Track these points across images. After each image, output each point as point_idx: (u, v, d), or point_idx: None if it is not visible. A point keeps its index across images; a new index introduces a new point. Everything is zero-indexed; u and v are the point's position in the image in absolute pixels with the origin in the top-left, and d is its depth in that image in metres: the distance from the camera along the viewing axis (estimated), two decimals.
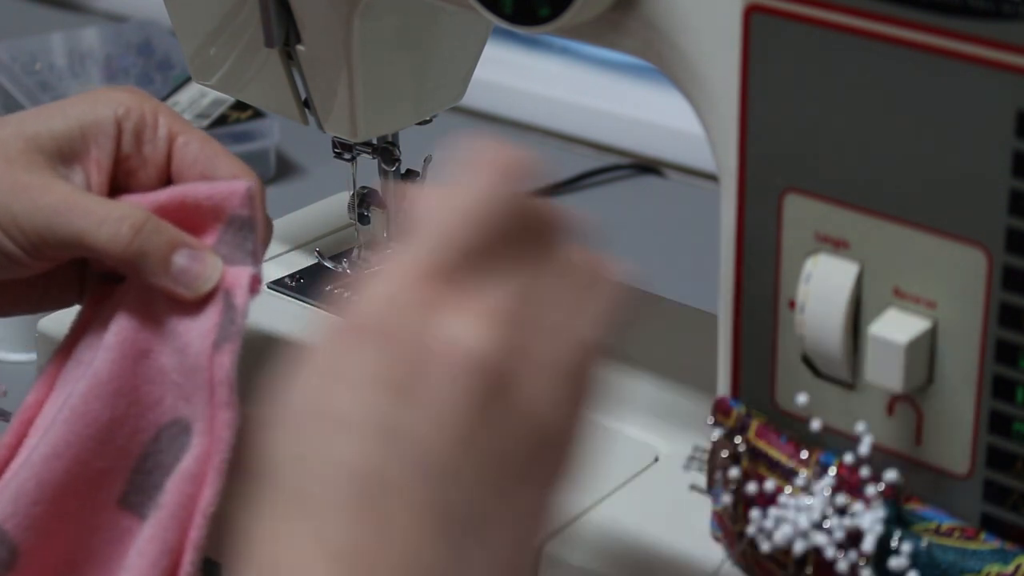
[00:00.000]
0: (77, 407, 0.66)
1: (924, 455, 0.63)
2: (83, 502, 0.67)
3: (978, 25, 0.56)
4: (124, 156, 0.68)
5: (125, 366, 0.66)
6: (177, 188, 0.68)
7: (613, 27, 0.67)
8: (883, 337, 0.61)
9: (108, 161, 0.67)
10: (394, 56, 0.82)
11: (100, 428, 0.66)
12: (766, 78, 0.62)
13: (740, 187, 0.64)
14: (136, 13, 1.48)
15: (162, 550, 0.65)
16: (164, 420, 0.66)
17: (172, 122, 0.68)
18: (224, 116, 1.21)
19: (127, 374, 0.66)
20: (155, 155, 0.68)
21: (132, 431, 0.66)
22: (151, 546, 0.65)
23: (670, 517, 0.71)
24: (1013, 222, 0.58)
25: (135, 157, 0.68)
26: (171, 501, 0.65)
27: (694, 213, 1.14)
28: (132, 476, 0.67)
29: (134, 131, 0.68)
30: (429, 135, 0.91)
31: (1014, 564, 0.60)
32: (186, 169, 0.68)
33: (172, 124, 0.68)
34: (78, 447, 0.66)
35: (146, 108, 0.68)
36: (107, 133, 0.67)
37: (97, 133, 0.67)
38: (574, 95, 1.36)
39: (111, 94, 0.69)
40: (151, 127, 0.68)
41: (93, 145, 0.67)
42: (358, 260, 0.90)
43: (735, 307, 0.66)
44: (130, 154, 0.68)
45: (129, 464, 0.67)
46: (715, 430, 0.66)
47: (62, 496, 0.66)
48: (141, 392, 0.66)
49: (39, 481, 0.65)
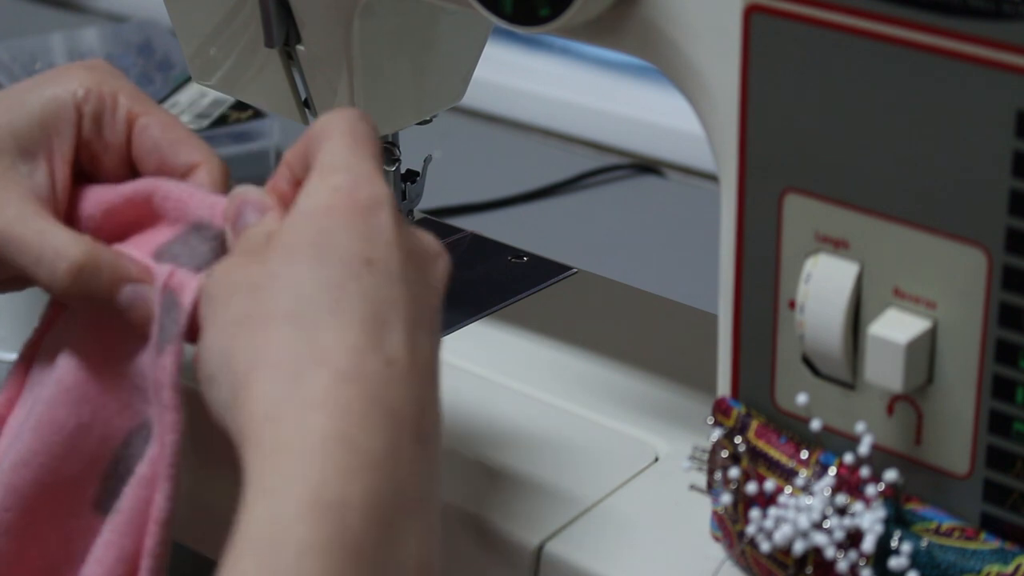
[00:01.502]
0: (43, 415, 0.65)
1: (924, 455, 0.63)
2: (56, 508, 0.66)
3: (978, 25, 0.56)
4: (86, 141, 0.66)
5: (88, 372, 0.65)
6: (147, 183, 0.66)
7: (613, 27, 0.67)
8: (883, 337, 0.61)
9: (70, 150, 0.66)
10: (394, 56, 0.82)
11: (67, 435, 0.65)
12: (766, 78, 0.62)
13: (740, 187, 0.64)
14: (136, 13, 1.48)
15: (118, 556, 0.64)
16: (133, 424, 0.66)
17: (132, 103, 0.66)
18: (224, 116, 1.21)
19: (90, 380, 0.65)
20: (116, 139, 0.66)
21: (101, 436, 0.66)
22: (108, 552, 0.64)
23: (670, 517, 0.71)
24: (1013, 222, 0.58)
25: (96, 142, 0.66)
26: (127, 506, 0.64)
27: (694, 213, 1.14)
28: (104, 482, 0.66)
29: (93, 115, 0.66)
30: (429, 135, 0.91)
31: (1014, 564, 0.60)
32: (145, 155, 0.66)
33: (132, 105, 0.66)
34: (45, 454, 0.65)
35: (105, 89, 0.66)
36: (67, 120, 0.66)
37: (57, 122, 0.66)
38: (574, 95, 1.36)
39: (71, 73, 0.67)
40: (110, 110, 0.66)
41: (54, 136, 0.66)
42: None
43: (735, 307, 0.66)
44: (91, 139, 0.66)
45: (101, 469, 0.66)
46: (715, 430, 0.67)
47: (33, 502, 0.65)
48: (107, 397, 0.65)
49: (9, 488, 0.65)
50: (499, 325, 0.86)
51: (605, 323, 0.86)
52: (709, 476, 0.67)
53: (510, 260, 0.92)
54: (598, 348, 0.83)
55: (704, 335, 0.74)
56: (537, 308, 0.88)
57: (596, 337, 0.84)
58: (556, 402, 0.80)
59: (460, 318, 0.87)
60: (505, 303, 0.88)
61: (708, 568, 0.68)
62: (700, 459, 0.68)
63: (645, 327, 0.86)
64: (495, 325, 0.86)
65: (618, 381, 0.81)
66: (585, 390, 0.80)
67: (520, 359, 0.83)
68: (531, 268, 0.91)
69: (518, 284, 0.90)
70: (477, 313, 0.87)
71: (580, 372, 0.82)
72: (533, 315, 0.87)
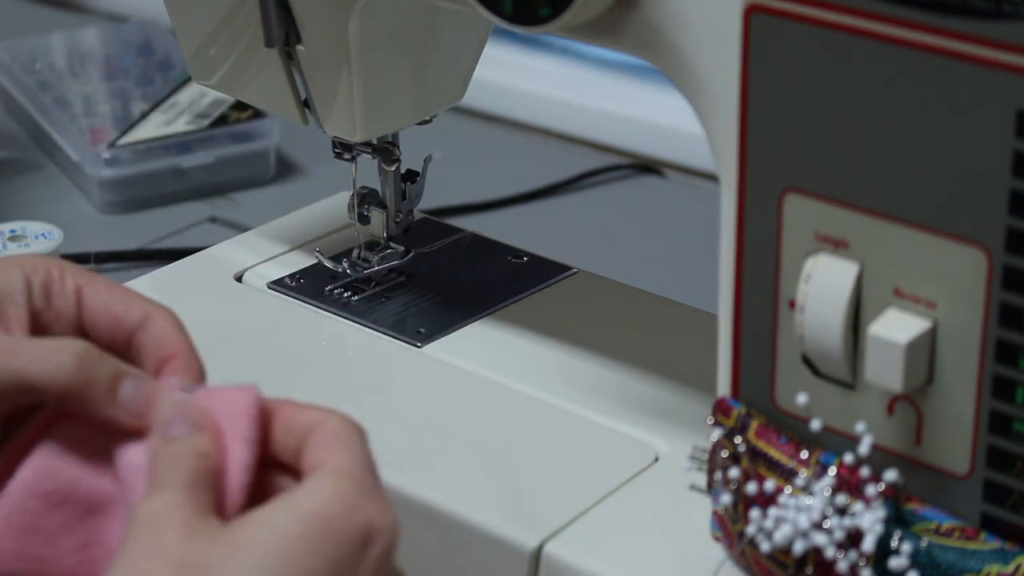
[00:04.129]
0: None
1: (924, 455, 0.63)
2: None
3: (978, 25, 0.56)
4: (37, 312, 0.67)
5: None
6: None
7: (613, 27, 0.67)
8: (883, 337, 0.61)
9: (26, 318, 0.67)
10: (394, 56, 0.82)
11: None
12: (766, 78, 0.62)
13: (740, 187, 0.64)
14: (136, 13, 1.48)
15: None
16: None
17: (77, 274, 0.67)
18: (224, 116, 1.21)
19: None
20: (66, 308, 0.67)
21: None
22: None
23: (670, 517, 0.71)
24: (1013, 222, 0.58)
25: (47, 312, 0.67)
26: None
27: (694, 213, 1.14)
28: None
29: (42, 285, 0.67)
30: (429, 135, 0.91)
31: (1014, 564, 0.60)
32: (97, 317, 0.66)
33: (77, 276, 0.67)
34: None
35: (51, 265, 0.67)
36: (20, 290, 0.66)
37: (11, 292, 0.66)
38: (574, 95, 1.36)
39: (16, 259, 0.68)
40: (58, 280, 0.67)
41: (10, 305, 0.66)
42: (358, 260, 0.90)
43: (735, 307, 0.66)
44: (41, 309, 0.67)
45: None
46: (715, 430, 0.67)
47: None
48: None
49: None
50: (499, 325, 0.86)
51: (605, 323, 0.86)
52: (709, 476, 0.67)
53: (510, 260, 0.92)
54: (598, 348, 0.83)
55: (704, 335, 0.74)
56: (537, 308, 0.88)
57: (596, 337, 0.84)
58: (556, 402, 0.80)
59: (460, 318, 0.87)
60: (505, 303, 0.88)
61: (708, 568, 0.68)
62: (700, 459, 0.68)
63: (645, 327, 0.86)
64: (495, 325, 0.86)
65: (618, 381, 0.81)
66: (585, 390, 0.80)
67: (520, 359, 0.83)
68: (531, 268, 0.91)
69: (518, 284, 0.90)
70: (477, 313, 0.87)
71: (580, 372, 0.82)
72: (533, 315, 0.87)
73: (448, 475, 0.75)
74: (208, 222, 1.17)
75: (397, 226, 0.89)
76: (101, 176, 1.17)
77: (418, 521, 0.73)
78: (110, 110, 1.26)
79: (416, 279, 0.90)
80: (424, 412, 0.80)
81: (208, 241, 1.02)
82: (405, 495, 0.73)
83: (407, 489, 0.73)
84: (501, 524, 0.71)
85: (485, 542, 0.71)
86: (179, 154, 1.20)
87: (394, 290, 0.89)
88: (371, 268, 0.90)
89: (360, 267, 0.90)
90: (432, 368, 0.83)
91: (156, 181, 1.19)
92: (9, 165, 1.26)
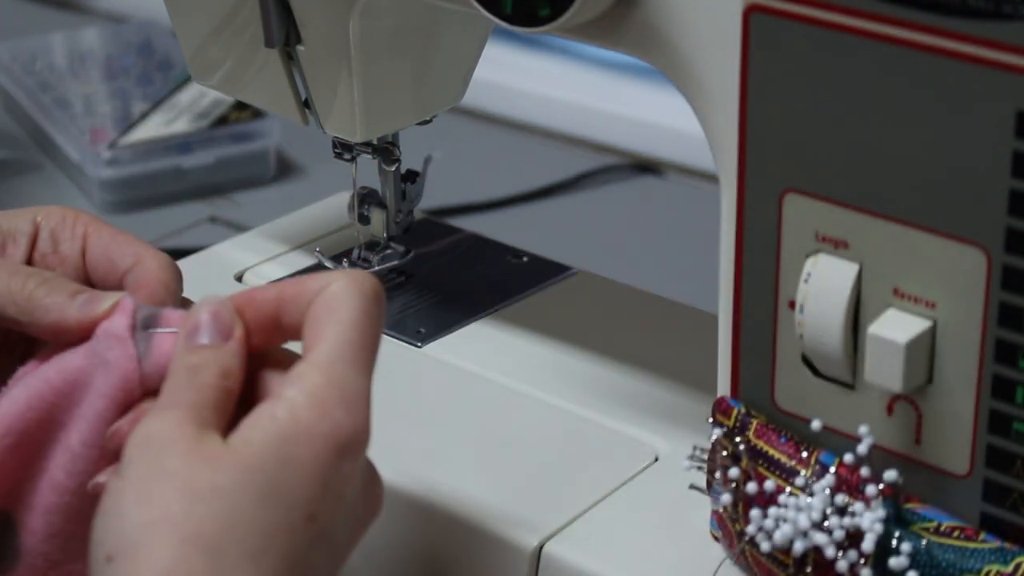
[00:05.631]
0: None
1: (924, 455, 0.63)
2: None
3: (978, 25, 0.56)
4: (42, 254, 0.67)
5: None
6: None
7: (613, 27, 0.67)
8: (883, 337, 0.61)
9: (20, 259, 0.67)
10: (394, 56, 0.82)
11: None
12: (766, 78, 0.62)
13: (740, 187, 0.64)
14: (136, 13, 1.48)
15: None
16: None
17: (88, 221, 0.68)
18: (224, 116, 1.22)
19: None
20: (71, 252, 0.68)
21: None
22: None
23: (670, 517, 0.71)
24: (1013, 222, 0.58)
25: (52, 255, 0.68)
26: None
27: (694, 213, 1.14)
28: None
29: (52, 231, 0.68)
30: (429, 135, 0.91)
31: (1014, 564, 0.60)
32: (97, 257, 0.67)
33: (88, 224, 0.68)
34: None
35: (66, 212, 0.68)
36: (25, 232, 0.68)
37: (15, 234, 0.67)
38: (574, 95, 1.36)
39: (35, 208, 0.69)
40: (70, 227, 0.68)
41: (11, 245, 0.67)
42: (358, 260, 0.90)
43: (735, 307, 0.66)
44: (47, 252, 0.68)
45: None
46: (715, 430, 0.67)
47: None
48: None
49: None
50: (499, 325, 0.86)
51: (605, 323, 0.86)
52: (709, 476, 0.67)
53: (510, 260, 0.92)
54: (598, 348, 0.83)
55: (704, 335, 0.74)
56: (537, 308, 0.88)
57: (596, 337, 0.84)
58: (556, 402, 0.80)
59: (460, 318, 0.87)
60: (505, 303, 0.88)
61: (708, 568, 0.68)
62: (700, 459, 0.68)
63: (645, 327, 0.86)
64: (495, 325, 0.86)
65: (618, 381, 0.81)
66: (585, 390, 0.80)
67: (520, 359, 0.83)
68: (531, 268, 0.91)
69: (518, 284, 0.90)
70: (477, 313, 0.87)
71: (580, 372, 0.82)
72: (533, 315, 0.87)
73: (448, 475, 0.75)
74: (208, 222, 1.17)
75: (397, 226, 0.89)
76: (101, 176, 1.18)
77: (418, 521, 0.73)
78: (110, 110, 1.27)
79: (416, 279, 0.90)
80: (424, 412, 0.80)
81: (208, 241, 1.03)
82: (405, 494, 0.73)
83: (407, 488, 0.73)
84: (501, 524, 0.71)
85: (485, 542, 0.71)
86: (179, 154, 1.20)
87: (394, 290, 0.89)
88: (371, 268, 0.90)
89: (360, 267, 0.90)
90: (432, 368, 0.83)
91: (156, 181, 1.19)
92: (9, 165, 1.26)
